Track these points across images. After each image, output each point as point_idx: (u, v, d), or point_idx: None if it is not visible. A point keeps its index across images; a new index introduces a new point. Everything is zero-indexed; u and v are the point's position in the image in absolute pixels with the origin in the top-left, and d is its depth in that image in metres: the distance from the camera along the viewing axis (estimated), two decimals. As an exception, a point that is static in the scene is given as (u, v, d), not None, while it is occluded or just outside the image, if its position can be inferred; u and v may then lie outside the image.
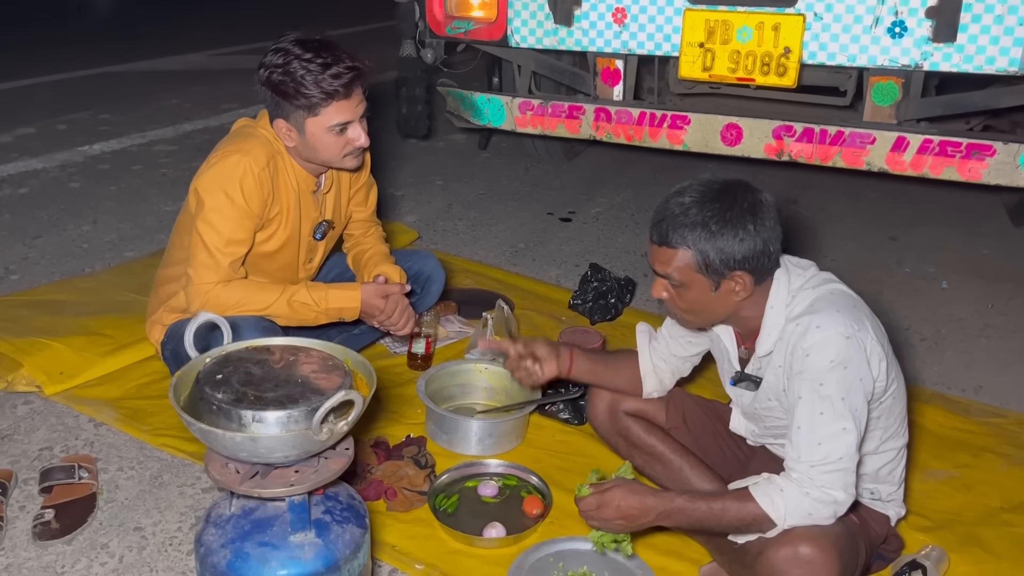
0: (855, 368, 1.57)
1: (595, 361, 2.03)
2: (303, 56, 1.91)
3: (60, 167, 4.56)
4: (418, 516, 2.04)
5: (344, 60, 1.93)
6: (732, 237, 1.59)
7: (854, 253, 3.79)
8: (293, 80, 1.91)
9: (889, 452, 1.80)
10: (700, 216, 1.59)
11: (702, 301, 1.66)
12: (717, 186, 1.63)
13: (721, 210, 1.59)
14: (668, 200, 1.64)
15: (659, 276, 1.69)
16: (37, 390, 2.44)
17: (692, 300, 1.66)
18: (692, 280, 1.63)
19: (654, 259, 1.67)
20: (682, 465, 1.98)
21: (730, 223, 1.59)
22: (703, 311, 1.69)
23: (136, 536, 1.95)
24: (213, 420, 1.36)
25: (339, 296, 2.10)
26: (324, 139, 1.98)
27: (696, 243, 1.59)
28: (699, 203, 1.60)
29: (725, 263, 1.60)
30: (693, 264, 1.61)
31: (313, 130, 1.97)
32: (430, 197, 4.36)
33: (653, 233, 1.65)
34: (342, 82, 1.92)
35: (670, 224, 1.61)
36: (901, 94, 2.96)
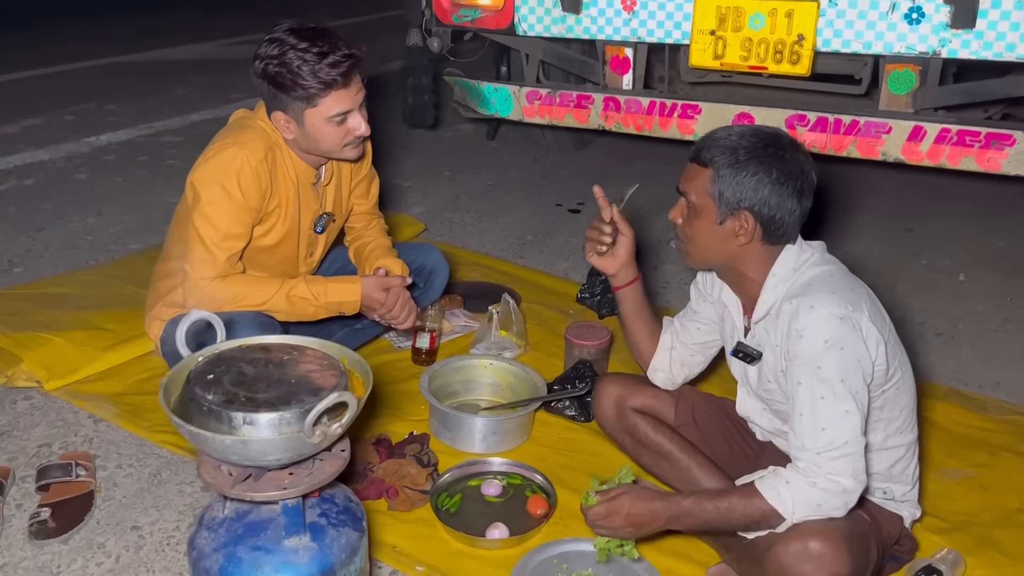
0: (852, 349, 1.53)
1: (644, 302, 1.98)
2: (299, 46, 1.86)
3: (66, 158, 4.54)
4: (420, 516, 1.99)
5: (341, 48, 1.88)
6: (751, 174, 1.58)
7: (869, 245, 3.72)
8: (290, 71, 1.86)
9: (898, 448, 1.74)
10: (736, 142, 1.60)
11: (705, 232, 1.65)
12: (770, 130, 1.64)
13: (756, 145, 1.59)
14: (724, 127, 1.66)
15: (680, 194, 1.68)
16: (37, 385, 2.41)
17: (697, 228, 1.66)
18: (704, 206, 1.63)
19: (683, 176, 1.68)
20: (690, 464, 1.94)
21: (756, 159, 1.58)
22: (701, 244, 1.67)
23: (134, 535, 1.92)
24: (203, 422, 1.32)
25: (339, 290, 2.06)
26: (324, 130, 1.93)
27: (720, 166, 1.59)
28: (742, 133, 1.61)
29: (735, 197, 1.59)
30: (709, 187, 1.61)
31: (312, 121, 1.92)
32: (437, 188, 4.31)
33: (692, 148, 1.66)
34: (340, 71, 1.87)
35: (708, 142, 1.63)
36: (918, 82, 2.89)
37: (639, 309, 1.97)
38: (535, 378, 2.38)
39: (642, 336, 1.99)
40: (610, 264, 1.93)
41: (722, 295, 1.82)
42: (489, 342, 2.65)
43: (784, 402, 1.69)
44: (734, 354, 1.78)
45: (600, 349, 2.50)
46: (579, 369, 2.43)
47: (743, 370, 1.81)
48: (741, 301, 1.78)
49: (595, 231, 1.93)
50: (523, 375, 2.41)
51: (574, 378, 2.41)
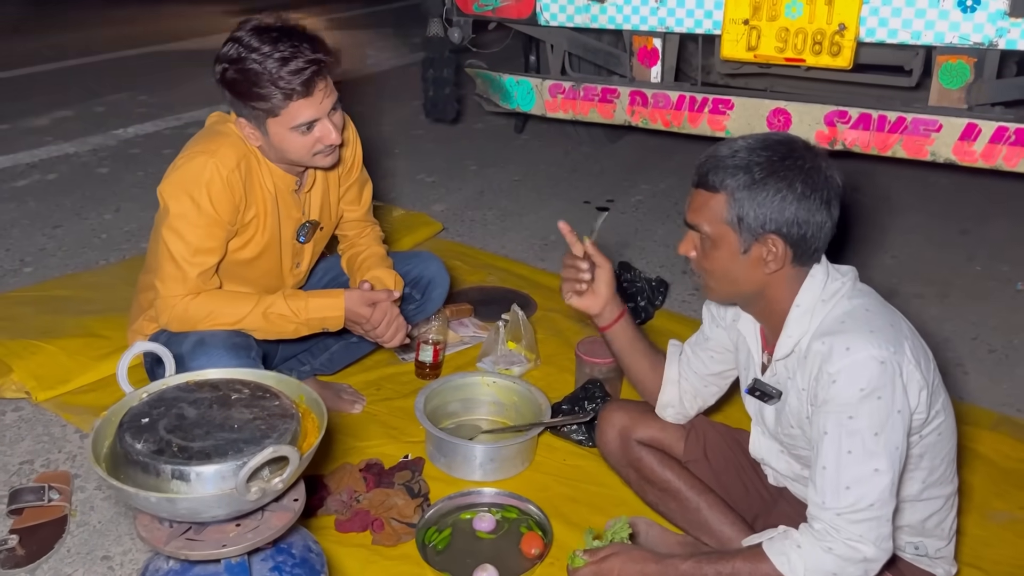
0: (890, 398, 1.33)
1: (637, 335, 1.80)
2: (260, 50, 1.70)
3: (92, 151, 4.51)
4: (405, 552, 1.86)
5: (304, 52, 1.71)
6: (774, 191, 1.38)
7: (920, 248, 3.45)
8: (247, 79, 1.71)
9: (936, 500, 1.54)
10: (747, 160, 1.40)
11: (728, 264, 1.45)
12: (777, 137, 1.45)
13: (771, 159, 1.39)
14: (723, 142, 1.46)
15: (690, 228, 1.49)
16: (27, 396, 2.34)
17: (717, 261, 1.46)
18: (722, 235, 1.43)
19: (688, 205, 1.49)
20: (700, 504, 1.77)
21: (776, 175, 1.38)
22: (726, 277, 1.47)
23: (103, 566, 1.82)
24: (131, 474, 1.19)
25: (320, 305, 1.91)
26: (290, 139, 1.78)
27: (735, 189, 1.40)
28: (750, 148, 1.41)
29: (759, 220, 1.39)
30: (725, 214, 1.41)
31: (276, 130, 1.77)
32: (461, 183, 4.15)
33: (696, 173, 1.46)
34: (301, 79, 1.71)
35: (712, 164, 1.43)
36: (972, 75, 2.63)
37: (633, 345, 1.79)
38: (540, 399, 2.21)
39: (644, 372, 1.81)
40: (593, 303, 1.74)
41: (738, 323, 1.63)
42: (497, 355, 2.50)
43: (807, 448, 1.51)
44: (750, 392, 1.60)
45: (612, 367, 2.32)
46: (588, 389, 2.26)
47: (758, 408, 1.62)
48: (762, 330, 1.59)
49: (571, 270, 1.74)
50: (527, 395, 2.25)
51: (583, 399, 2.24)
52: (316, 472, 2.03)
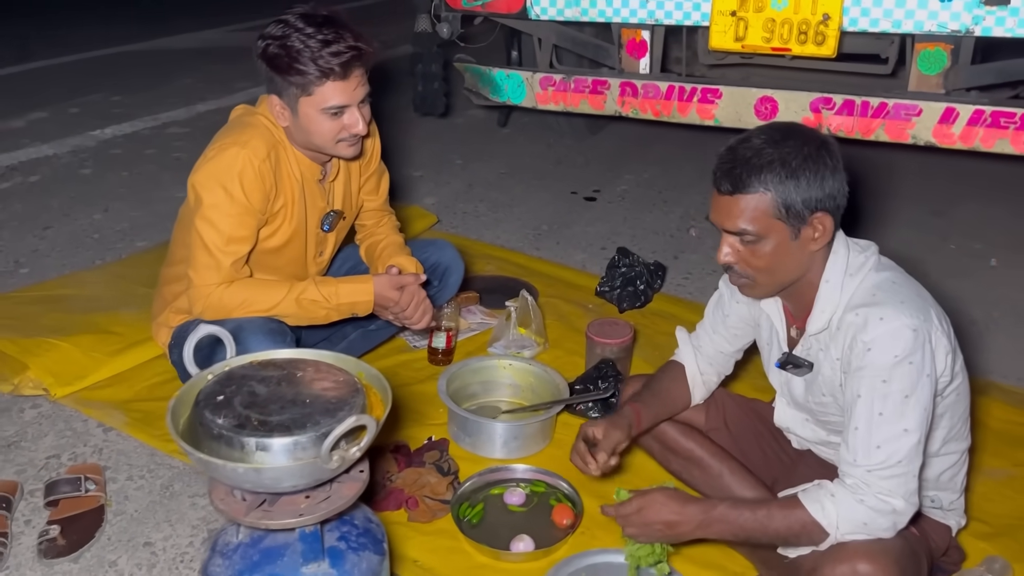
0: (920, 363, 1.43)
1: (653, 400, 1.84)
2: (304, 30, 1.77)
3: (72, 152, 4.46)
4: (441, 527, 1.92)
5: (346, 39, 1.78)
6: (814, 174, 1.46)
7: (895, 230, 3.60)
8: (288, 54, 1.77)
9: (952, 455, 1.65)
10: (778, 155, 1.46)
11: (779, 254, 1.50)
12: (781, 127, 1.51)
13: (796, 147, 1.46)
14: (733, 148, 1.50)
15: (729, 234, 1.52)
16: (44, 393, 2.35)
17: (768, 255, 1.50)
18: (770, 229, 1.48)
19: (724, 214, 1.50)
20: (722, 470, 1.85)
21: (810, 159, 1.46)
22: (779, 267, 1.52)
23: (146, 552, 1.85)
24: (214, 448, 1.24)
25: (350, 290, 1.97)
26: (317, 121, 1.84)
27: (776, 184, 1.45)
28: (771, 143, 1.47)
29: (807, 203, 1.46)
30: (772, 210, 1.47)
31: (307, 110, 1.83)
32: (449, 178, 4.21)
33: (723, 183, 1.49)
34: (340, 61, 1.77)
35: (744, 168, 1.46)
36: (950, 61, 2.77)
37: (658, 413, 1.85)
38: (556, 379, 2.29)
39: (676, 409, 1.88)
40: (606, 453, 1.73)
41: (760, 302, 1.71)
42: (507, 340, 2.57)
43: (838, 415, 1.60)
44: (781, 366, 1.68)
45: (623, 347, 2.41)
46: (601, 369, 2.34)
47: (786, 380, 1.71)
48: (787, 307, 1.67)
49: (576, 460, 1.76)
50: (544, 376, 2.32)
51: (596, 378, 2.33)
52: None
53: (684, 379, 1.87)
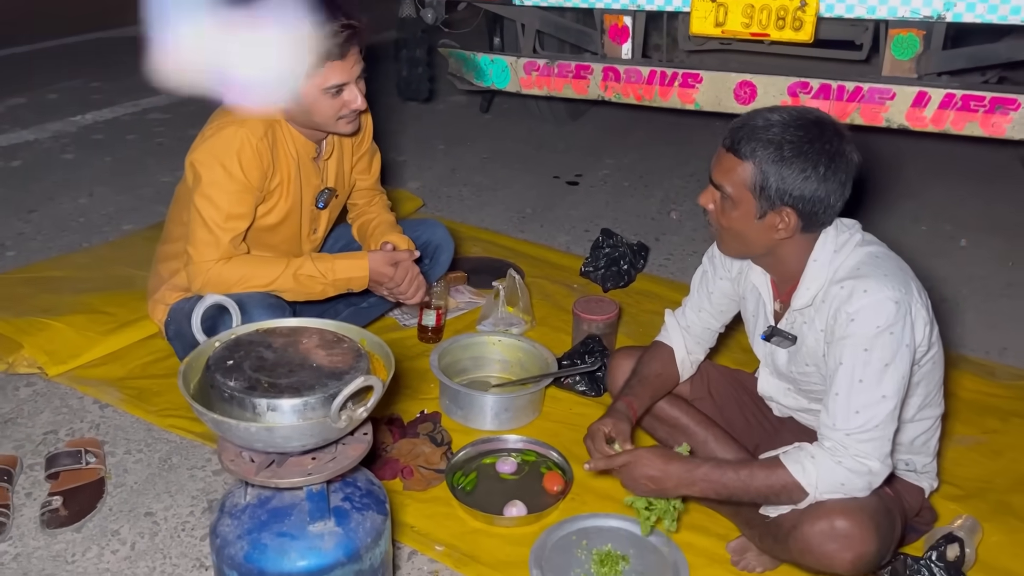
0: (900, 333, 1.50)
1: (643, 389, 1.88)
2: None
3: (53, 138, 4.45)
4: (436, 495, 1.98)
5: (339, 18, 1.82)
6: (799, 171, 1.50)
7: (867, 211, 3.69)
8: None
9: (925, 421, 1.74)
10: (780, 136, 1.50)
11: (742, 225, 1.58)
12: (812, 117, 1.54)
13: (802, 139, 1.50)
14: (759, 111, 1.56)
15: (713, 185, 1.60)
16: (39, 371, 2.38)
17: (733, 220, 1.59)
18: (742, 198, 1.55)
19: (715, 162, 1.59)
20: (707, 437, 1.93)
21: (803, 155, 1.50)
22: (739, 237, 1.61)
23: (147, 522, 1.90)
24: (226, 409, 1.29)
25: (346, 266, 2.02)
26: (319, 101, 1.88)
27: (763, 162, 1.51)
28: (784, 124, 1.52)
29: (780, 194, 1.52)
30: (749, 181, 1.53)
31: (308, 91, 1.87)
32: (432, 162, 4.25)
33: (727, 137, 1.56)
34: (337, 42, 1.82)
35: (746, 133, 1.53)
36: (922, 47, 2.86)
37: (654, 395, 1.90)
38: (545, 354, 2.36)
39: (666, 390, 1.94)
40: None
41: (749, 275, 1.77)
42: (496, 318, 2.63)
43: (820, 383, 1.67)
44: (766, 338, 1.75)
45: (608, 323, 2.48)
46: (588, 344, 2.41)
47: (770, 352, 1.78)
48: (772, 280, 1.74)
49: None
50: (532, 351, 2.39)
51: (583, 353, 2.39)
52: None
53: (672, 361, 1.93)
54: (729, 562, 1.82)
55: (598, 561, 1.79)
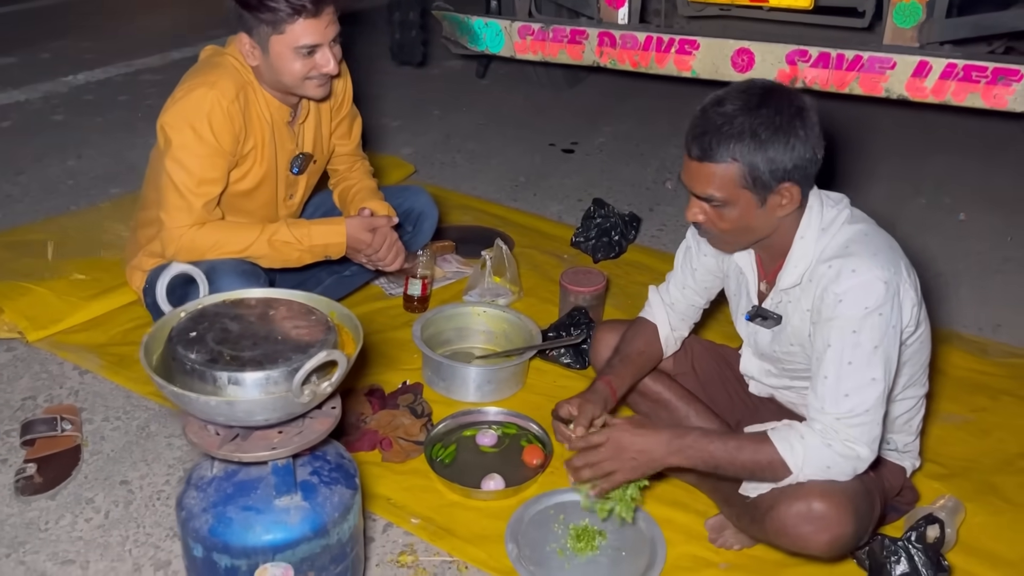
0: (889, 314, 1.46)
1: (625, 369, 1.84)
2: None
3: (43, 98, 4.40)
4: (414, 467, 1.96)
5: None
6: (783, 145, 1.44)
7: (866, 183, 3.64)
8: None
9: (909, 400, 1.71)
10: (748, 125, 1.44)
11: (746, 219, 1.51)
12: (759, 91, 1.47)
13: (769, 116, 1.44)
14: (707, 111, 1.48)
15: (698, 198, 1.53)
16: (19, 336, 2.36)
17: (735, 219, 1.52)
18: (736, 197, 1.49)
19: (693, 179, 1.51)
20: (689, 412, 1.90)
21: (781, 130, 1.44)
22: (745, 230, 1.55)
23: (123, 490, 1.88)
24: (187, 382, 1.26)
25: (323, 232, 1.98)
26: (288, 60, 1.83)
27: (745, 155, 1.44)
28: (745, 111, 1.45)
29: (774, 174, 1.46)
30: (739, 179, 1.46)
31: (278, 49, 1.82)
32: (427, 128, 4.19)
33: (693, 148, 1.48)
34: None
35: (715, 137, 1.45)
36: (924, 15, 2.79)
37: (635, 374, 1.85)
38: (529, 326, 2.33)
39: (649, 368, 1.89)
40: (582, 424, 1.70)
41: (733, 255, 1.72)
42: (482, 288, 2.59)
43: (804, 363, 1.63)
44: (750, 319, 1.71)
45: (595, 295, 2.44)
46: (574, 316, 2.38)
47: (753, 331, 1.74)
48: (758, 258, 1.69)
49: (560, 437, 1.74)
50: (517, 323, 2.36)
51: (569, 325, 2.36)
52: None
53: (656, 338, 1.89)
54: (707, 539, 1.80)
55: (575, 536, 1.78)
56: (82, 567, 1.68)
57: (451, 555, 1.74)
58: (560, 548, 1.77)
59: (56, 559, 1.70)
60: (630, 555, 1.76)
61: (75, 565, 1.69)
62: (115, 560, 1.70)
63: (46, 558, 1.70)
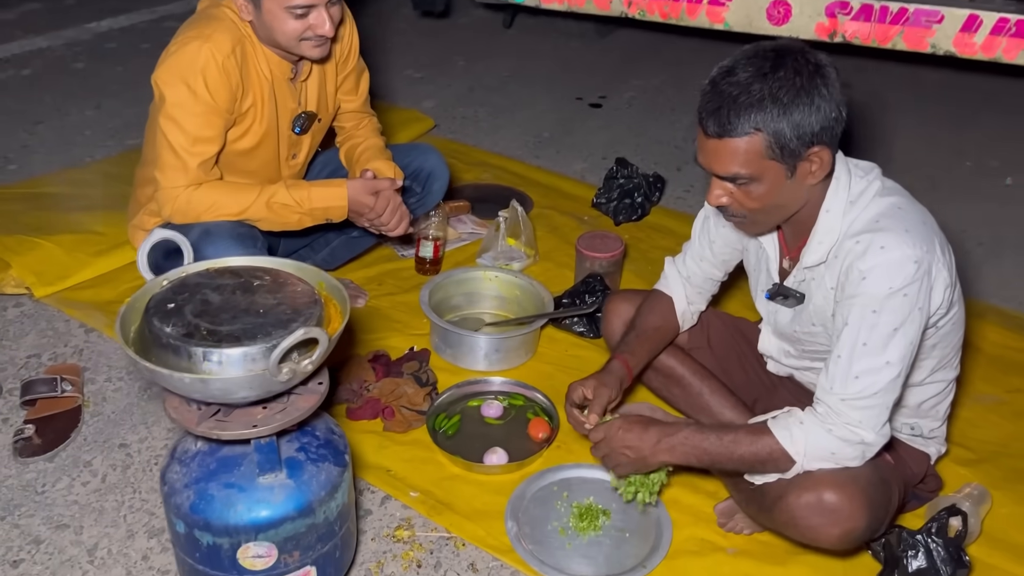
0: (915, 296, 1.35)
1: (640, 347, 1.76)
2: None
3: (66, 46, 4.34)
4: (416, 437, 1.91)
5: None
6: (808, 106, 1.32)
7: (910, 144, 3.46)
8: None
9: (937, 384, 1.60)
10: (767, 90, 1.32)
11: (775, 193, 1.39)
12: (771, 53, 1.35)
13: (788, 78, 1.32)
14: (717, 84, 1.36)
15: (720, 179, 1.41)
16: (27, 292, 2.33)
17: (764, 196, 1.39)
18: (764, 171, 1.36)
19: (713, 158, 1.39)
20: (702, 389, 1.82)
21: (803, 90, 1.32)
22: (775, 207, 1.43)
23: (121, 453, 1.86)
24: (162, 357, 1.21)
25: (323, 194, 1.90)
26: (281, 19, 1.73)
27: (768, 123, 1.32)
28: (759, 77, 1.33)
29: (802, 139, 1.34)
30: (765, 150, 1.34)
31: (270, 7, 1.72)
32: (451, 80, 4.07)
33: (709, 125, 1.36)
34: None
35: (732, 109, 1.33)
36: (977, -36, 2.59)
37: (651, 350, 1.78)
38: (542, 292, 2.25)
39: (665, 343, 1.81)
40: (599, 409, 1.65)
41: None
42: (496, 251, 2.51)
43: (826, 344, 1.53)
44: (771, 297, 1.60)
45: (612, 262, 2.35)
46: (589, 283, 2.29)
47: (773, 310, 1.64)
48: (780, 234, 1.58)
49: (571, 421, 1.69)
50: (529, 289, 2.28)
51: (584, 292, 2.28)
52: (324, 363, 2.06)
53: (672, 313, 1.80)
54: (716, 523, 1.73)
55: (577, 515, 1.72)
56: (76, 532, 1.67)
57: (449, 531, 1.70)
58: (562, 527, 1.71)
59: (50, 523, 1.68)
60: (634, 537, 1.70)
61: (69, 530, 1.67)
62: (109, 526, 1.68)
63: (40, 522, 1.68)
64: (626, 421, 1.55)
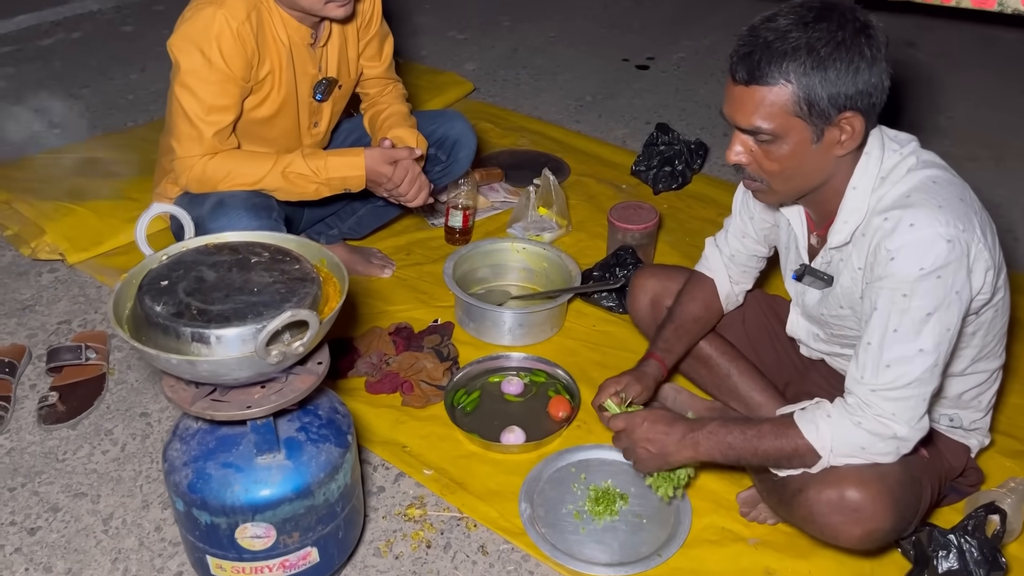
0: (951, 278, 1.24)
1: (680, 338, 1.69)
2: None
3: (116, 8, 4.37)
4: (434, 413, 1.88)
5: None
6: (846, 64, 1.22)
7: (977, 109, 3.26)
8: None
9: (980, 375, 1.49)
10: (805, 39, 1.22)
11: (797, 157, 1.29)
12: (816, 5, 1.25)
13: (830, 31, 1.22)
14: (755, 28, 1.26)
15: (742, 131, 1.31)
16: (60, 258, 2.36)
17: (784, 158, 1.29)
18: (788, 128, 1.26)
19: (737, 106, 1.28)
20: (730, 370, 1.74)
21: (843, 46, 1.21)
22: (795, 173, 1.32)
23: (142, 423, 1.87)
24: (153, 336, 1.18)
25: (340, 163, 1.85)
26: None
27: (799, 75, 1.22)
28: (799, 24, 1.23)
29: (835, 100, 1.23)
30: (792, 105, 1.24)
31: None
32: (494, 41, 3.97)
33: (739, 71, 1.26)
34: None
35: (763, 54, 1.23)
36: (1054, -86, 2.39)
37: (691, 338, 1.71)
38: (570, 265, 2.17)
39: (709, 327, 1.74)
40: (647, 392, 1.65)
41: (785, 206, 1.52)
42: (527, 221, 2.44)
43: (855, 328, 1.44)
44: (798, 278, 1.51)
45: (646, 233, 2.26)
46: (620, 256, 2.21)
47: (801, 291, 1.54)
48: (809, 213, 1.48)
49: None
50: (557, 261, 2.21)
51: (614, 265, 2.20)
52: (346, 335, 2.04)
53: (716, 298, 1.71)
54: (738, 512, 1.66)
55: (594, 498, 1.67)
56: (93, 500, 1.68)
57: (461, 511, 1.66)
58: (577, 510, 1.66)
59: (69, 491, 1.70)
60: (651, 523, 1.64)
61: (86, 499, 1.69)
62: (125, 496, 1.69)
63: (59, 489, 1.70)
64: (651, 414, 1.48)
